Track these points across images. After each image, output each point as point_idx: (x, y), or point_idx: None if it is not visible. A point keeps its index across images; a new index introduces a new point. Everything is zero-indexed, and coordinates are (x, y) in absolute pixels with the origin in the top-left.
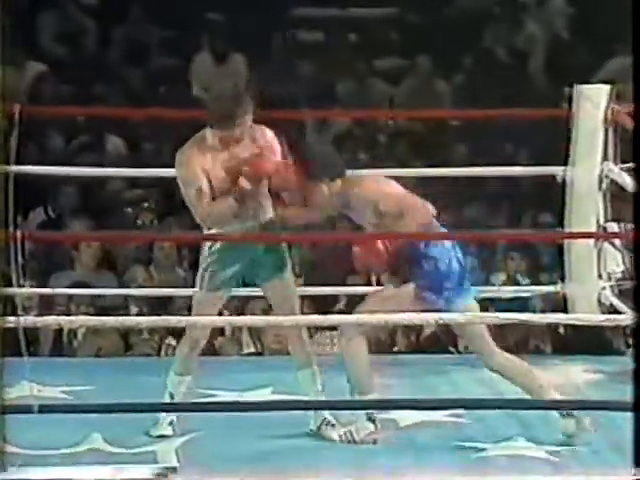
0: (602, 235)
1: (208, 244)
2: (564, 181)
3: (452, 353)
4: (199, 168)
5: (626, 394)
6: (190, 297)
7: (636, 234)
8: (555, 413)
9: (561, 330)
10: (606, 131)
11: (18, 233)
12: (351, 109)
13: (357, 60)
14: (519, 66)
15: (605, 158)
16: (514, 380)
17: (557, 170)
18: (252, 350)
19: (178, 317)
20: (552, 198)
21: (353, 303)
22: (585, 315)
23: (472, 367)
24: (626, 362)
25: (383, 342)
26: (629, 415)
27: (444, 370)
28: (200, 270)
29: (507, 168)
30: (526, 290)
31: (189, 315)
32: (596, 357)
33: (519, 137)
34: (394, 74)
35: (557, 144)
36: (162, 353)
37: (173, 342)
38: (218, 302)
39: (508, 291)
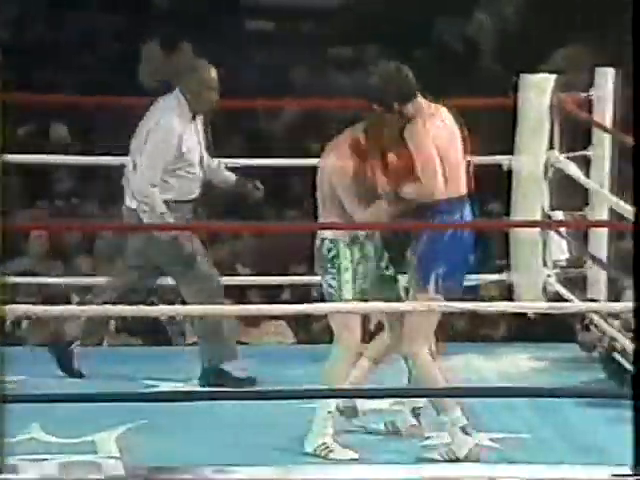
0: (552, 223)
1: (347, 238)
2: (510, 170)
3: None
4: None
5: (572, 380)
6: None
7: (636, 228)
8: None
9: (508, 319)
10: (552, 120)
11: None
12: (304, 98)
13: (310, 49)
14: (470, 55)
15: (551, 147)
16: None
17: (503, 159)
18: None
19: (121, 307)
20: (500, 187)
21: (298, 293)
22: (531, 303)
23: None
24: (572, 349)
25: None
26: (579, 407)
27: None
28: (346, 272)
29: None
30: (473, 279)
31: None
32: (544, 345)
33: (468, 126)
34: (347, 63)
35: (506, 133)
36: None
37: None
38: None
39: None
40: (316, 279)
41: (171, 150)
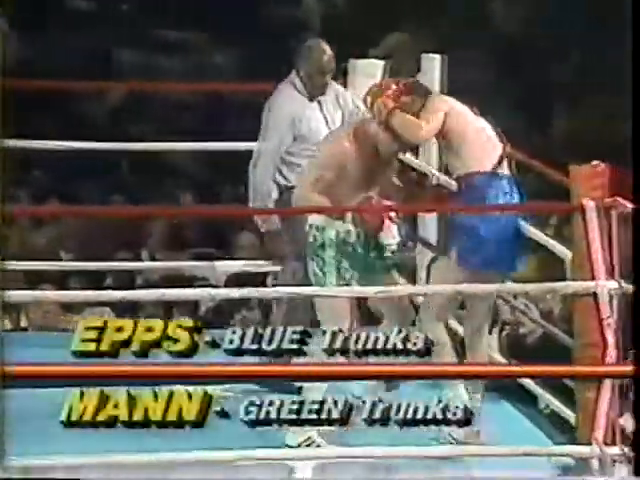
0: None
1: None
2: None
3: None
4: None
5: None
6: None
7: (635, 228)
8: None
9: None
10: None
11: None
12: (129, 81)
13: (135, 31)
14: (298, 38)
15: None
16: None
17: None
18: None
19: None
20: None
21: (121, 279)
22: (359, 288)
23: None
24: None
25: None
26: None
27: None
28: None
29: None
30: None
31: None
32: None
33: None
34: (173, 46)
35: None
36: None
37: None
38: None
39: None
40: (141, 265)
41: (284, 132)
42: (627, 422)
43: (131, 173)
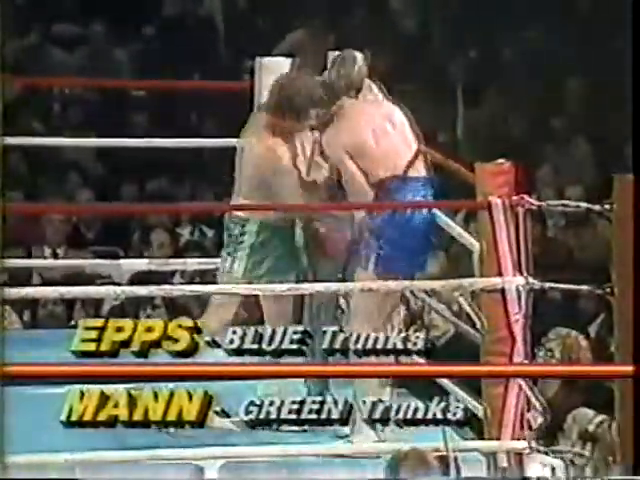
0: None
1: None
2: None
3: None
4: None
5: None
6: None
7: (636, 235)
8: None
9: None
10: None
11: None
12: (23, 76)
13: (30, 24)
14: (201, 36)
15: None
16: None
17: (242, 142)
18: None
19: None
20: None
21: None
22: (264, 285)
23: None
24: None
25: None
26: None
27: None
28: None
29: (191, 140)
30: (209, 262)
31: None
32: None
33: (204, 108)
34: (69, 40)
35: (243, 116)
36: None
37: None
38: None
39: (193, 264)
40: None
41: None
42: (535, 416)
43: (27, 170)
